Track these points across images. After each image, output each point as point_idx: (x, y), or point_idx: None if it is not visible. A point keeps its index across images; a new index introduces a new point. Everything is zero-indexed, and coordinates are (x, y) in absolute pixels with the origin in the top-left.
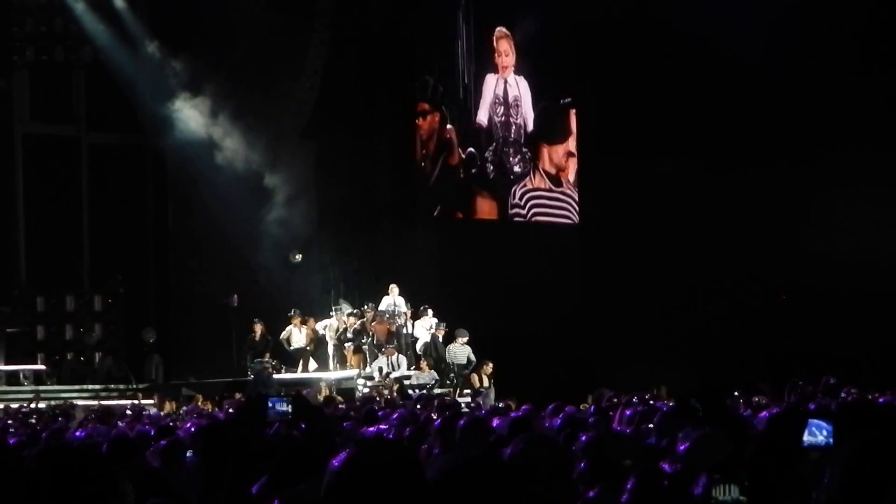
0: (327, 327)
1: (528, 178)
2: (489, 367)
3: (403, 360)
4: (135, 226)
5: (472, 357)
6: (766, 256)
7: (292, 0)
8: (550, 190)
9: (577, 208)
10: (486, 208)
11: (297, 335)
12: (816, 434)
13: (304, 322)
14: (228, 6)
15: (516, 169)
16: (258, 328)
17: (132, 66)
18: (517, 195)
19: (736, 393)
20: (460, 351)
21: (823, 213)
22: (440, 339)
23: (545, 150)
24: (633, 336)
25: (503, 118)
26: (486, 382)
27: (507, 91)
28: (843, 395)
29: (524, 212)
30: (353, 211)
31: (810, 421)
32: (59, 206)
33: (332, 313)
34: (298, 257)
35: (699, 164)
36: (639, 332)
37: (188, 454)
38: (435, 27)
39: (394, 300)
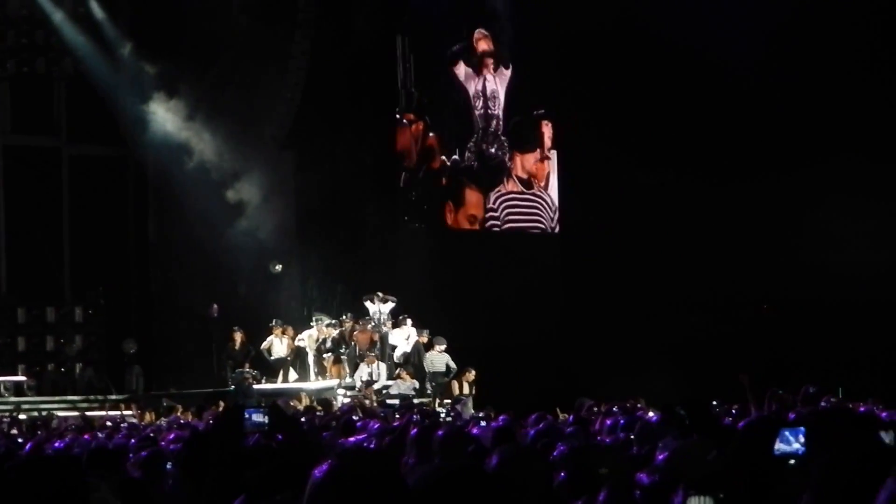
0: (308, 338)
1: (501, 184)
2: (471, 375)
3: (384, 367)
4: (115, 237)
5: (452, 364)
6: (749, 267)
7: (274, 11)
8: (522, 192)
9: (550, 213)
10: (473, 200)
11: (277, 345)
12: (791, 442)
13: (284, 332)
14: (210, 18)
15: (495, 152)
16: (238, 336)
17: (113, 77)
18: (492, 200)
19: (714, 402)
20: (438, 359)
21: (808, 223)
22: (422, 347)
23: (518, 158)
24: (615, 346)
25: (482, 111)
26: (466, 390)
27: (485, 86)
28: (822, 403)
29: (498, 216)
30: (333, 221)
31: (782, 429)
32: (40, 217)
33: (313, 324)
34: (279, 268)
35: (683, 174)
36: (621, 342)
37: (168, 465)
38: (416, 37)
39: (378, 308)
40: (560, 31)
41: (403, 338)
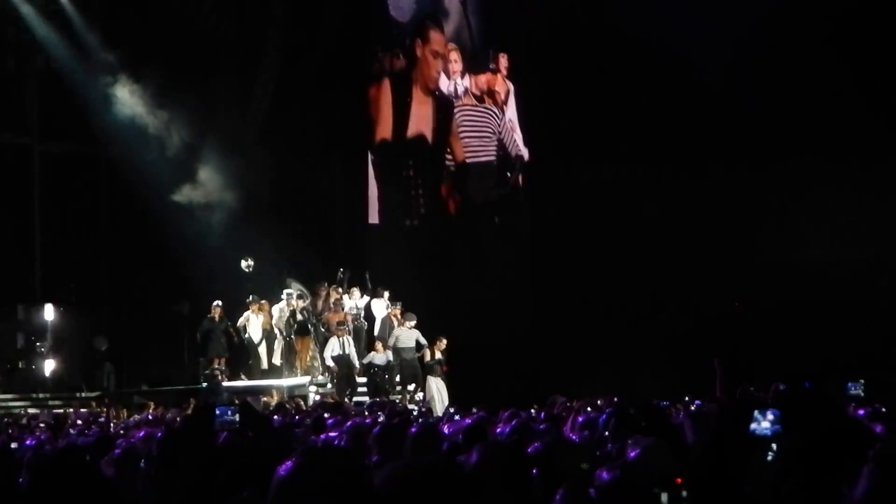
0: (279, 311)
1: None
2: (442, 343)
3: (352, 342)
4: (87, 234)
5: (422, 340)
6: (721, 264)
7: (246, 9)
8: (475, 105)
9: (510, 134)
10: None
11: (254, 321)
12: (762, 421)
13: (261, 308)
14: (182, 16)
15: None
16: (218, 311)
17: (84, 75)
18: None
19: (665, 403)
20: (406, 335)
21: (780, 220)
22: (394, 323)
23: (472, 79)
24: (587, 343)
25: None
26: (438, 356)
27: (456, 90)
28: None
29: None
30: (304, 217)
31: (756, 410)
32: (11, 214)
33: (283, 296)
34: (251, 263)
35: (654, 171)
36: (592, 339)
37: (142, 463)
38: (387, 35)
39: (355, 303)
40: (528, 29)
41: (383, 307)
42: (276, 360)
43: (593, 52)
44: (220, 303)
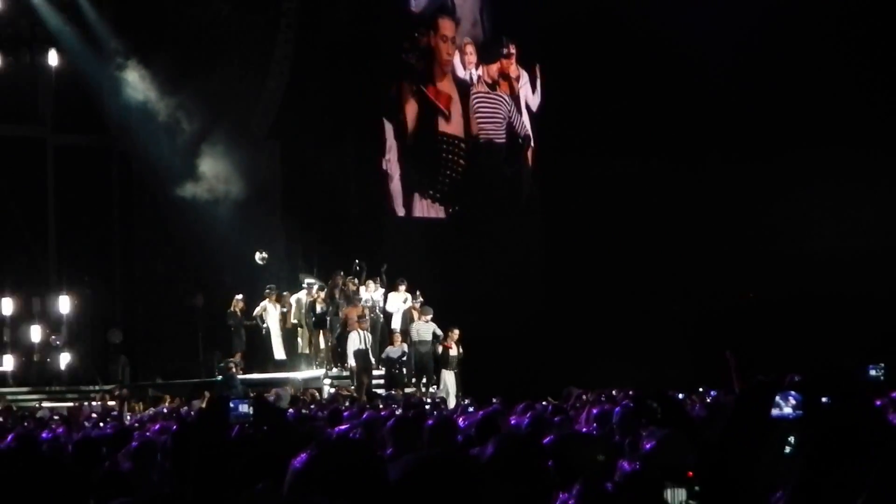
0: (296, 302)
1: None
2: (455, 334)
3: (369, 336)
4: (101, 227)
5: (438, 332)
6: (733, 255)
7: (258, 0)
8: (488, 93)
9: (508, 113)
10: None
11: (271, 311)
12: (784, 406)
13: (278, 299)
14: (194, 8)
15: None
16: (240, 305)
17: (97, 68)
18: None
19: (681, 394)
20: (424, 328)
21: (791, 211)
22: (414, 316)
23: (484, 69)
24: (601, 335)
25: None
26: (454, 350)
27: (471, 78)
28: None
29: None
30: (317, 211)
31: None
32: (25, 207)
33: (304, 286)
34: (264, 256)
35: (665, 163)
36: (606, 330)
37: (158, 457)
38: (400, 26)
39: (371, 296)
40: (535, 24)
41: (401, 301)
42: (298, 351)
43: (603, 44)
44: (241, 297)
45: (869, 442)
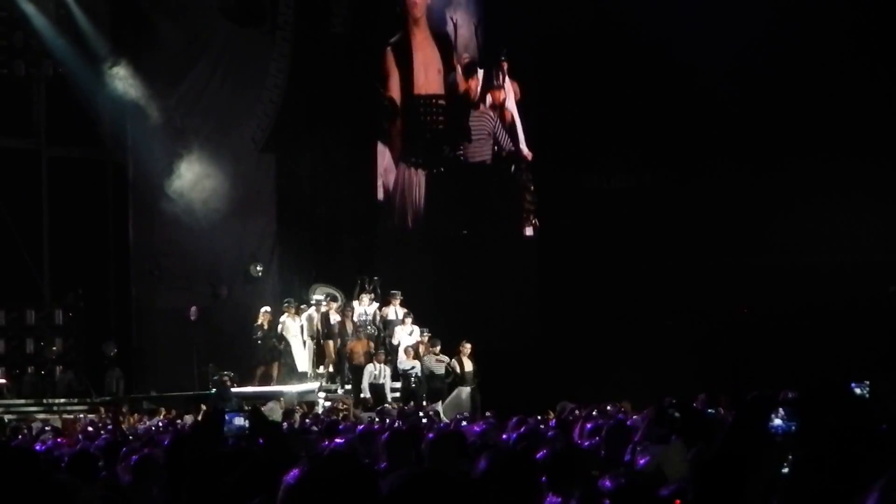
0: (307, 320)
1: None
2: (467, 348)
3: (388, 370)
4: (95, 239)
5: (453, 365)
6: (727, 270)
7: (253, 13)
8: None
9: (493, 130)
10: None
11: (290, 324)
12: (776, 419)
13: (297, 312)
14: (189, 20)
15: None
16: (266, 318)
17: (92, 80)
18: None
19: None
20: (437, 364)
21: (785, 226)
22: (421, 350)
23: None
24: (595, 350)
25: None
26: (468, 366)
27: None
28: None
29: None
30: (312, 224)
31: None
32: (19, 219)
33: (312, 302)
34: (259, 269)
35: (659, 179)
36: (600, 346)
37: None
38: (396, 39)
39: (364, 310)
40: (531, 39)
41: (407, 333)
42: (305, 366)
43: (599, 57)
44: (268, 309)
45: (866, 460)
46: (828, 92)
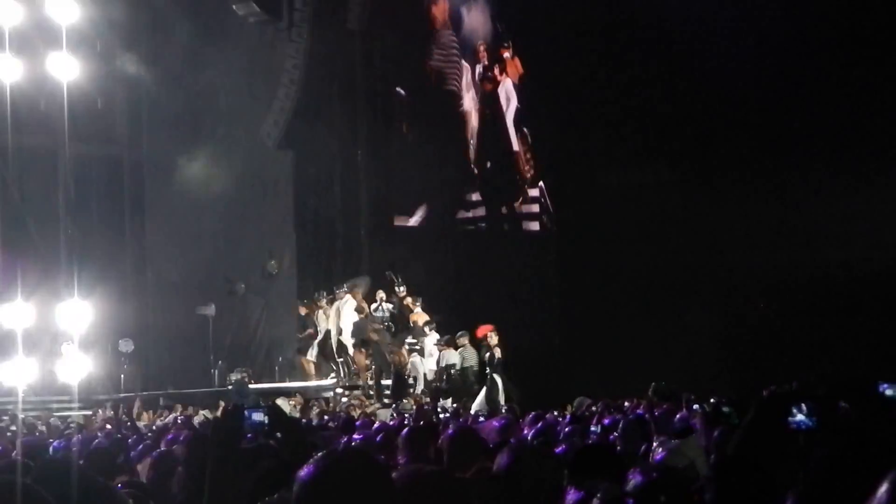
0: (345, 304)
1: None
2: (494, 337)
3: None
4: (113, 236)
5: (481, 355)
6: (746, 264)
7: (269, 9)
8: None
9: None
10: None
11: (323, 318)
12: (798, 413)
13: (330, 304)
14: (204, 17)
15: None
16: (303, 309)
17: (111, 77)
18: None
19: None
20: (469, 353)
21: (805, 220)
22: (445, 348)
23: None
24: (615, 345)
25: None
26: (498, 352)
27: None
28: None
29: None
30: (329, 220)
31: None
32: (38, 216)
33: (345, 288)
34: (276, 266)
35: (677, 173)
36: (617, 341)
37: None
38: (411, 36)
39: (381, 305)
40: (550, 29)
41: (432, 343)
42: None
43: (616, 51)
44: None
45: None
46: (847, 85)
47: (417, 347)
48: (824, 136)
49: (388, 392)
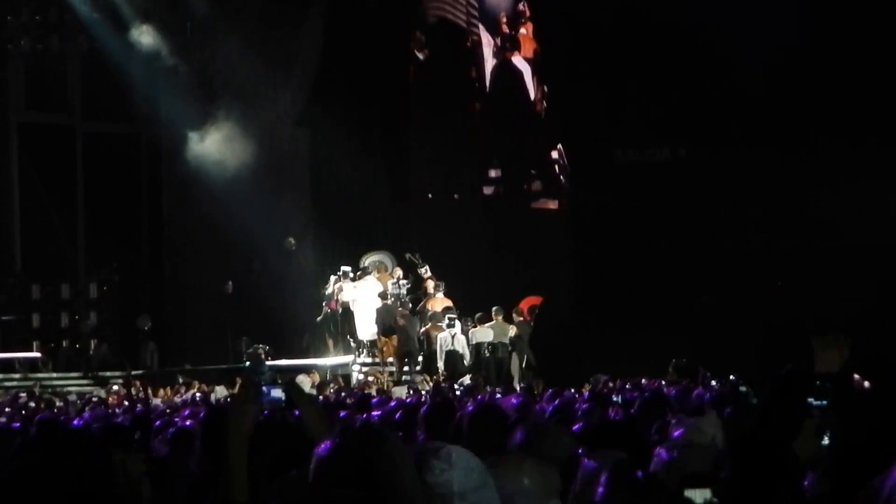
0: (370, 285)
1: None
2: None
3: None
4: (129, 214)
5: (509, 331)
6: (761, 245)
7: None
8: None
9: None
10: None
11: (348, 290)
12: (814, 394)
13: (355, 280)
14: None
15: None
16: (330, 286)
17: (126, 55)
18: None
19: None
20: (500, 328)
21: (823, 199)
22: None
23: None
24: (629, 324)
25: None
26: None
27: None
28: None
29: None
30: (346, 197)
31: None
32: (55, 194)
33: (368, 266)
34: (293, 243)
35: (694, 152)
36: (633, 320)
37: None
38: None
39: (398, 282)
40: (568, 8)
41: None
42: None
43: (633, 29)
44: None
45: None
46: (864, 67)
47: (457, 320)
48: (844, 115)
49: (417, 369)
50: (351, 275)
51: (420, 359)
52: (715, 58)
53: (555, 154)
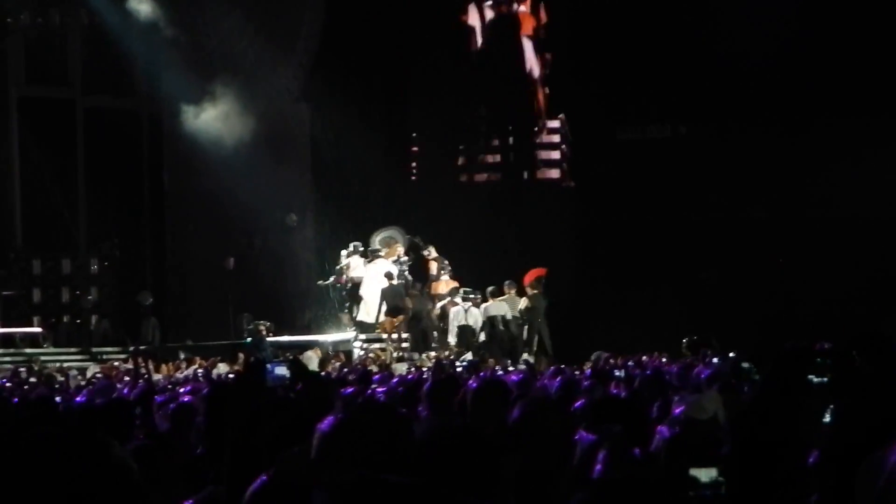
0: (378, 263)
1: None
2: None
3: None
4: (130, 189)
5: (519, 303)
6: (762, 221)
7: None
8: None
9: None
10: None
11: (356, 265)
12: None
13: (363, 256)
14: None
15: None
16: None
17: (126, 29)
18: None
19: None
20: (511, 302)
21: (821, 177)
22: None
23: None
24: (631, 301)
25: None
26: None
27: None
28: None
29: None
30: (347, 173)
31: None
32: (55, 168)
33: (378, 245)
34: (295, 219)
35: (695, 130)
36: (635, 297)
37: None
38: None
39: (399, 259)
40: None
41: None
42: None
43: (635, 7)
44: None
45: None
46: (872, 34)
47: (472, 296)
48: (845, 91)
49: (434, 346)
50: (361, 249)
51: (435, 335)
52: (716, 37)
53: (556, 123)
